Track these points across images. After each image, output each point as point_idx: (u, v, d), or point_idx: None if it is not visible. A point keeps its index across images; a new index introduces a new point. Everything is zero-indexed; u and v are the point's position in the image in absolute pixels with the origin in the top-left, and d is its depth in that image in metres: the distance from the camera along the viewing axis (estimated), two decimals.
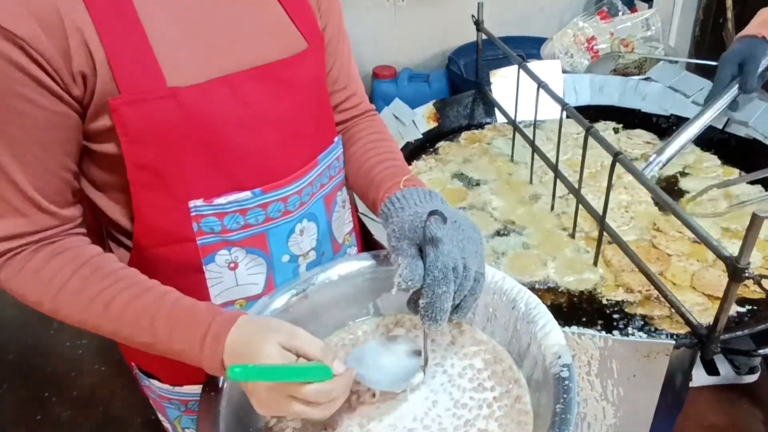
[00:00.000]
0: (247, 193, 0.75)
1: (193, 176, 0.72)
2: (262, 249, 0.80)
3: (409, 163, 1.38)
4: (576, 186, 1.06)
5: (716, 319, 0.73)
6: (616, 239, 0.96)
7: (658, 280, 0.86)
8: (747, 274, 0.67)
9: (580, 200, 1.05)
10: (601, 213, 0.97)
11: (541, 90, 1.13)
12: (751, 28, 1.27)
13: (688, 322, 0.80)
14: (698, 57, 3.10)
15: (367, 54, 2.86)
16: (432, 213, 0.69)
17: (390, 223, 0.75)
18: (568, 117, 1.06)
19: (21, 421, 1.96)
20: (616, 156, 0.89)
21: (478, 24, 1.43)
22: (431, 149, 1.44)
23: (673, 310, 0.89)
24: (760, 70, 1.21)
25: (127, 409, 1.94)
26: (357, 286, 0.86)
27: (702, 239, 0.73)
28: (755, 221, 0.64)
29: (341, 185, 0.92)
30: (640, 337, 0.89)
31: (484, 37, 1.45)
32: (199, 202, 0.73)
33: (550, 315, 0.75)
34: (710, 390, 1.73)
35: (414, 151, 1.42)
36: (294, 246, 0.83)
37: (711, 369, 1.70)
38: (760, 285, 0.68)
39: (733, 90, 1.23)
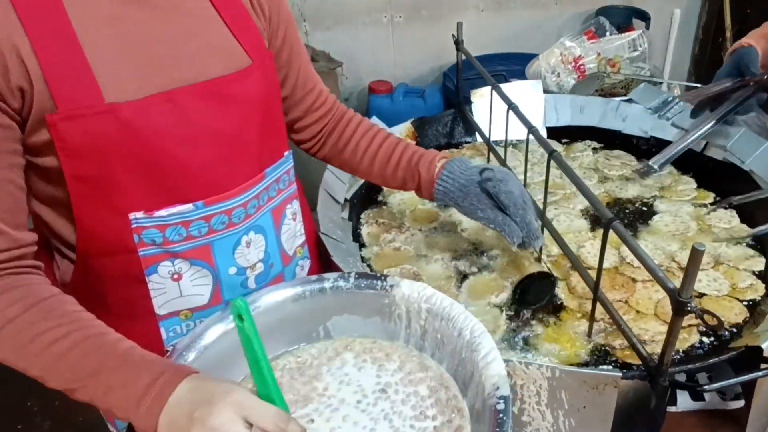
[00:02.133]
0: (189, 206, 0.76)
1: (133, 189, 0.73)
2: (206, 261, 0.81)
3: None
4: (544, 208, 1.04)
5: (663, 351, 0.71)
6: (576, 265, 0.95)
7: (613, 308, 0.84)
8: (689, 308, 0.65)
9: (545, 224, 1.04)
10: (564, 239, 0.95)
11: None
12: (741, 40, 1.32)
13: (638, 354, 0.78)
14: (698, 75, 3.09)
15: (364, 69, 2.88)
16: (484, 171, 0.94)
17: (453, 197, 0.96)
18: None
19: (2, 431, 1.96)
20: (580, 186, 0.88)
21: (458, 44, 1.43)
22: None
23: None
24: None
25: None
26: (306, 308, 0.85)
27: (648, 269, 0.72)
28: (695, 255, 0.63)
29: (291, 198, 0.93)
30: (599, 368, 0.87)
31: (465, 57, 1.44)
32: (139, 214, 0.74)
33: (493, 344, 0.74)
34: (695, 415, 1.69)
35: None
36: (240, 258, 0.84)
37: (695, 394, 1.67)
38: (702, 319, 0.66)
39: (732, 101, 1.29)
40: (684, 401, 0.99)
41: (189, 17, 0.76)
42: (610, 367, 0.87)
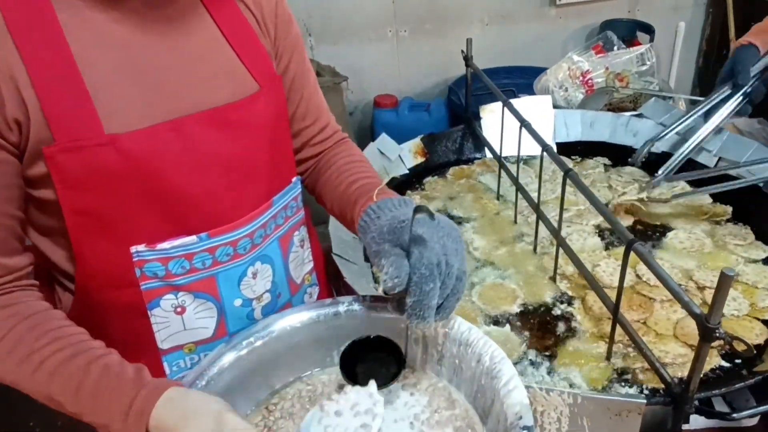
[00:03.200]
0: (193, 238, 0.74)
1: (135, 221, 0.71)
2: (211, 293, 0.78)
3: None
4: (560, 228, 1.03)
5: (689, 378, 0.70)
6: (593, 285, 0.93)
7: (633, 330, 0.83)
8: (717, 334, 0.64)
9: (561, 243, 1.02)
10: (578, 257, 0.94)
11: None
12: (741, 39, 1.34)
13: (662, 379, 0.76)
14: (702, 87, 3.08)
15: (369, 83, 2.87)
16: (417, 210, 0.68)
17: (368, 232, 0.73)
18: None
19: None
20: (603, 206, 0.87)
21: (467, 60, 1.42)
22: (418, 185, 1.42)
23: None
24: (756, 71, 1.27)
25: None
26: (320, 333, 0.83)
27: (674, 293, 0.70)
28: (724, 280, 0.61)
29: (299, 224, 0.90)
30: (618, 393, 0.85)
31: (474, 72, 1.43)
32: (141, 247, 0.72)
33: (514, 371, 0.72)
34: None
35: (399, 187, 1.39)
36: (246, 289, 0.81)
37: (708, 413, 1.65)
38: (731, 346, 0.65)
39: (727, 88, 1.30)
40: (696, 419, 0.96)
41: (196, 43, 0.74)
42: (634, 393, 0.85)
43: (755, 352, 0.88)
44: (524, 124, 1.12)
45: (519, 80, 2.57)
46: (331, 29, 2.76)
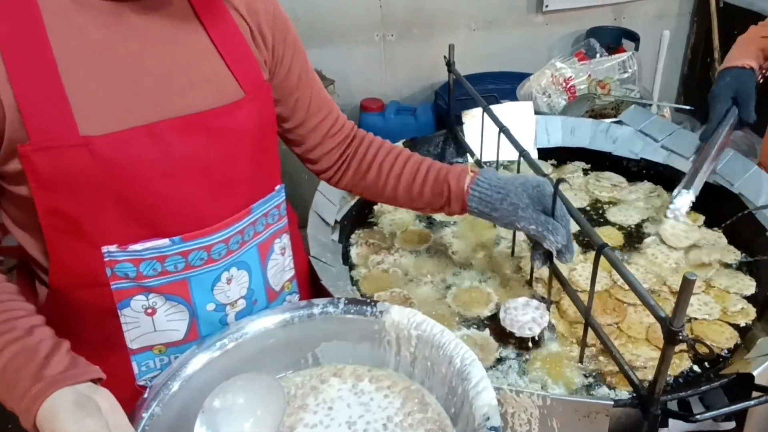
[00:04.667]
0: (166, 241, 0.74)
1: (107, 223, 0.71)
2: (183, 296, 0.78)
3: (376, 202, 1.36)
4: None
5: (654, 380, 0.71)
6: (567, 289, 0.94)
7: (604, 334, 0.84)
8: (681, 337, 0.65)
9: None
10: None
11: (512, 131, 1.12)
12: (735, 59, 1.28)
13: (630, 381, 0.77)
14: (687, 95, 3.12)
15: (356, 87, 2.88)
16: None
17: (501, 200, 0.92)
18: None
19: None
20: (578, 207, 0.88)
21: (450, 65, 1.43)
22: None
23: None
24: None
25: None
26: (295, 335, 0.84)
27: (639, 296, 0.71)
28: (686, 285, 0.62)
29: (281, 232, 0.90)
30: (590, 395, 0.86)
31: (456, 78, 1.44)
32: (113, 248, 0.72)
33: (484, 373, 0.73)
34: None
35: None
36: (220, 294, 0.81)
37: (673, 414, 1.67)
38: (693, 349, 0.66)
39: (731, 122, 1.25)
40: (675, 423, 0.98)
41: (183, 49, 0.75)
42: (604, 394, 0.86)
43: (716, 355, 0.89)
44: (503, 129, 1.13)
45: (505, 85, 2.59)
46: (318, 32, 2.77)
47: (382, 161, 1.01)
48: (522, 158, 1.06)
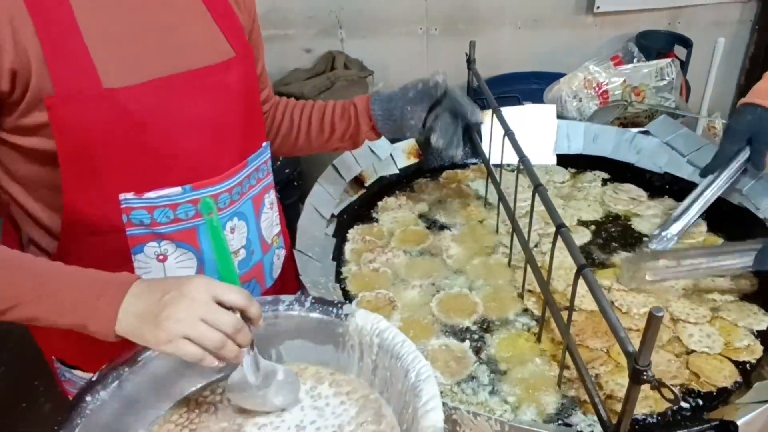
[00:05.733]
0: (178, 189, 0.79)
1: (124, 171, 0.76)
2: (192, 244, 0.83)
3: (381, 198, 1.33)
4: (533, 243, 0.99)
5: (619, 419, 0.65)
6: (549, 305, 0.89)
7: (579, 358, 0.78)
8: (645, 377, 0.59)
9: (529, 258, 0.98)
10: (543, 274, 0.90)
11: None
12: (762, 93, 1.14)
13: (597, 415, 0.72)
14: None
15: (395, 79, 2.84)
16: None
17: (395, 106, 1.01)
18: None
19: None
20: (559, 228, 0.83)
21: (470, 63, 1.38)
22: (407, 186, 1.39)
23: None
24: None
25: None
26: (258, 329, 0.81)
27: (610, 325, 0.66)
28: (652, 321, 0.56)
29: (269, 188, 0.97)
30: (564, 423, 0.81)
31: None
32: (129, 195, 0.77)
33: (436, 391, 0.69)
34: None
35: (387, 187, 1.36)
36: None
37: None
38: (659, 391, 0.60)
39: (739, 164, 1.15)
40: None
41: (178, 10, 0.80)
42: (577, 421, 0.81)
43: (680, 401, 0.82)
44: (508, 133, 1.08)
45: (548, 86, 2.50)
46: (362, 23, 2.74)
47: (293, 111, 1.08)
48: (522, 164, 1.01)
